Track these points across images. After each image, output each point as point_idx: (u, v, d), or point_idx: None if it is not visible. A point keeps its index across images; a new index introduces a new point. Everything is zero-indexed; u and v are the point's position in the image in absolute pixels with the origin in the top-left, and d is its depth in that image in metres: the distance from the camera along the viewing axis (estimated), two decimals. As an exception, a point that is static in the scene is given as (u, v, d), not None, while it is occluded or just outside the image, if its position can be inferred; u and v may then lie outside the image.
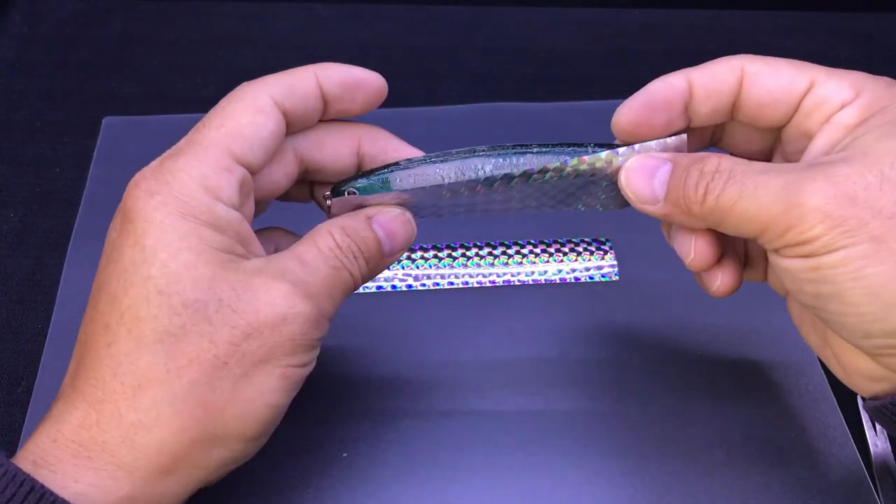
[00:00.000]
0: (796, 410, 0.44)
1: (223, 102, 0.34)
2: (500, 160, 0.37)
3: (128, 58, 0.63)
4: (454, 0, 0.69)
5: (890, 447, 0.43)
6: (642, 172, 0.34)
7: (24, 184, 0.55)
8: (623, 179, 0.34)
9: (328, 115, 0.37)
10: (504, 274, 0.49)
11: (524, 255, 0.50)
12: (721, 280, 0.36)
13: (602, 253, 0.50)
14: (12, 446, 0.43)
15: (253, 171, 0.34)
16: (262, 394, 0.31)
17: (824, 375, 0.46)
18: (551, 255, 0.50)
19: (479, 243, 0.51)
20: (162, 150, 0.55)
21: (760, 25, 0.69)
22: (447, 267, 0.50)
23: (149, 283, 0.30)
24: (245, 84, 0.35)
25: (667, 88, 0.35)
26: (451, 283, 0.49)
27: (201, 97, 0.60)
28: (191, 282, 0.30)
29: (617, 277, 0.50)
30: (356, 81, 0.38)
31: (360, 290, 0.48)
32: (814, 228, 0.29)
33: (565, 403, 0.44)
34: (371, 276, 0.36)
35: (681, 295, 0.49)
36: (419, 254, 0.50)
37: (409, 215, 0.36)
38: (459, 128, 0.58)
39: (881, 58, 0.67)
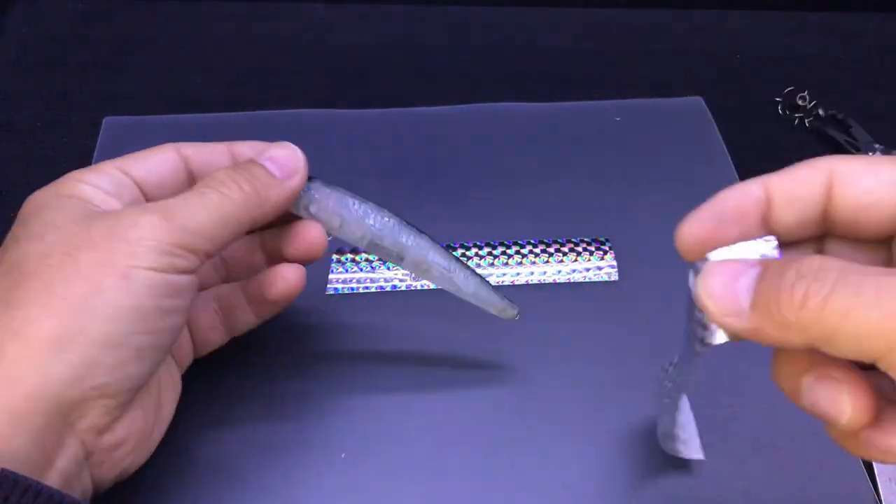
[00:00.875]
0: (795, 412, 0.44)
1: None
2: (418, 237, 0.40)
3: (128, 58, 0.63)
4: (454, 0, 0.69)
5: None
6: (724, 275, 0.28)
7: (24, 184, 0.54)
8: (700, 286, 0.28)
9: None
10: (504, 274, 0.49)
11: (524, 256, 0.50)
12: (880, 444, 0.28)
13: (602, 253, 0.50)
14: (12, 446, 0.43)
15: (143, 184, 0.37)
16: (100, 292, 0.31)
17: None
18: (551, 255, 0.50)
19: (478, 243, 0.51)
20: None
21: (760, 25, 0.69)
22: (447, 267, 0.50)
23: (7, 237, 0.34)
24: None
25: (740, 197, 0.30)
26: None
27: (201, 97, 0.60)
28: (36, 223, 0.34)
29: (616, 278, 0.50)
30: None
31: (358, 289, 0.48)
32: None
33: (565, 404, 0.44)
34: (265, 199, 0.36)
35: (681, 295, 0.49)
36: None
37: (294, 147, 0.39)
38: (459, 128, 0.58)
39: (880, 58, 0.67)
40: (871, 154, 0.57)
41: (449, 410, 0.44)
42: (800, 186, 0.29)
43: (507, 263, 0.50)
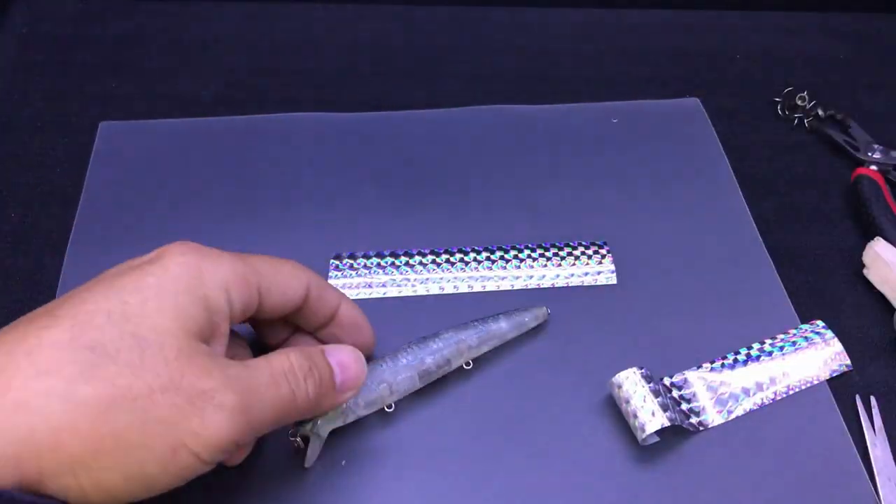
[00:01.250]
0: (794, 411, 0.44)
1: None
2: (423, 341, 0.43)
3: (128, 58, 0.63)
4: (454, 0, 0.69)
5: (889, 448, 0.43)
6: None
7: (24, 184, 0.55)
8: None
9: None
10: (503, 279, 0.49)
11: (522, 260, 0.50)
12: None
13: (600, 257, 0.50)
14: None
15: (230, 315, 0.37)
16: (144, 450, 0.30)
17: (830, 392, 0.46)
18: (549, 259, 0.50)
19: (477, 248, 0.51)
20: (157, 154, 0.56)
21: (760, 25, 0.69)
22: (446, 272, 0.50)
23: (126, 307, 0.32)
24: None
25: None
26: (445, 289, 0.49)
27: (201, 97, 0.60)
28: (149, 327, 0.32)
29: (615, 281, 0.50)
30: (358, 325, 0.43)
31: (357, 295, 0.48)
32: None
33: (565, 408, 0.44)
34: (317, 406, 0.37)
35: (679, 299, 0.49)
36: (418, 259, 0.50)
37: (360, 354, 0.39)
38: (459, 130, 0.58)
39: (880, 58, 0.67)
40: (869, 154, 0.57)
41: (448, 416, 0.44)
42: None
43: (505, 268, 0.50)
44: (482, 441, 0.43)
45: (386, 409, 0.42)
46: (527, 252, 0.51)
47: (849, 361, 0.47)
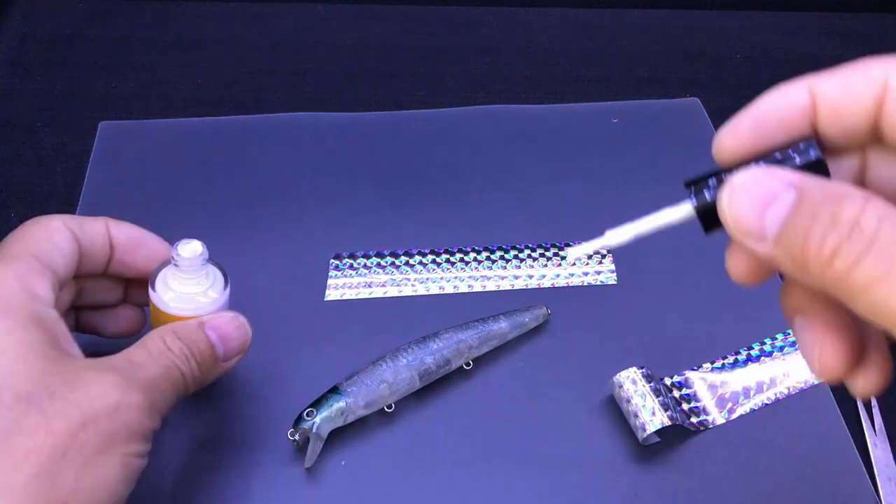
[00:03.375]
0: (795, 411, 0.44)
1: (19, 229, 0.37)
2: (423, 342, 0.43)
3: (128, 58, 0.63)
4: (454, 0, 0.69)
5: (890, 448, 0.43)
6: (754, 195, 0.25)
7: (24, 184, 0.55)
8: (726, 198, 0.25)
9: (113, 266, 0.40)
10: (503, 278, 0.49)
11: (522, 260, 0.50)
12: (863, 383, 0.27)
13: (600, 257, 0.50)
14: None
15: (59, 279, 0.36)
16: (106, 483, 0.31)
17: (830, 392, 0.45)
18: (549, 259, 0.50)
19: (477, 248, 0.51)
20: (157, 154, 0.56)
21: (760, 25, 0.69)
22: (446, 271, 0.50)
23: None
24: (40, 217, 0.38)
25: (783, 105, 0.27)
26: (444, 289, 0.49)
27: (201, 97, 0.60)
28: (22, 375, 0.31)
29: (615, 281, 0.50)
30: (139, 240, 0.40)
31: (357, 295, 0.48)
32: None
33: (565, 407, 0.44)
34: (204, 380, 0.37)
35: (679, 299, 0.49)
36: (418, 258, 0.50)
37: (242, 319, 0.38)
38: (459, 130, 0.58)
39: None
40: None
41: (448, 416, 0.44)
42: (850, 96, 0.26)
43: (504, 268, 0.50)
44: (482, 441, 0.43)
45: (386, 409, 0.42)
46: (527, 252, 0.51)
47: None
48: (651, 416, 0.41)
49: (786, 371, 0.45)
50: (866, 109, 0.26)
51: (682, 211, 0.28)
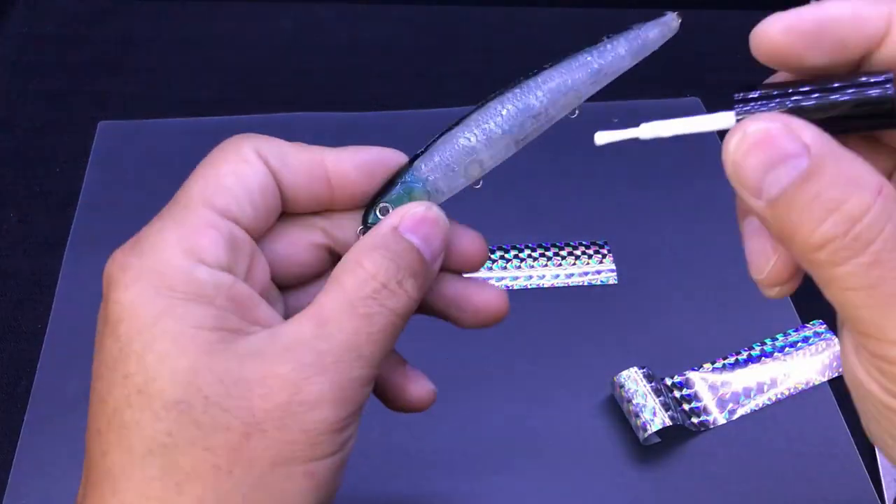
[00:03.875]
0: (796, 412, 0.44)
1: (206, 158, 0.29)
2: (519, 91, 0.31)
3: (128, 58, 0.63)
4: (454, 0, 0.69)
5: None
6: (763, 151, 0.23)
7: (24, 184, 0.55)
8: (733, 143, 0.23)
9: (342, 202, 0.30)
10: (503, 279, 0.49)
11: (522, 260, 0.50)
12: (780, 290, 0.27)
13: (601, 257, 0.50)
14: (12, 446, 0.43)
15: (246, 227, 0.28)
16: (287, 500, 0.25)
17: (831, 392, 0.45)
18: (550, 259, 0.50)
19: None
20: (155, 153, 0.56)
21: (761, 26, 0.69)
22: (446, 270, 0.49)
23: (128, 381, 0.25)
24: (231, 138, 0.30)
25: (853, 22, 0.23)
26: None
27: (201, 97, 0.60)
28: (168, 378, 0.25)
29: (616, 281, 0.49)
30: (380, 162, 0.31)
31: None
32: None
33: (566, 407, 0.44)
34: (422, 295, 0.29)
35: (680, 299, 0.49)
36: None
37: (435, 208, 0.30)
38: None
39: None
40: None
41: (448, 416, 0.44)
42: None
43: (505, 268, 0.50)
44: (483, 441, 0.43)
45: (475, 186, 0.33)
46: (527, 252, 0.50)
47: None
48: (652, 416, 0.41)
49: (786, 371, 0.45)
50: None
51: (724, 120, 0.25)
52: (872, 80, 0.23)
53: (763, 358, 0.46)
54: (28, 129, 0.58)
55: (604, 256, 0.50)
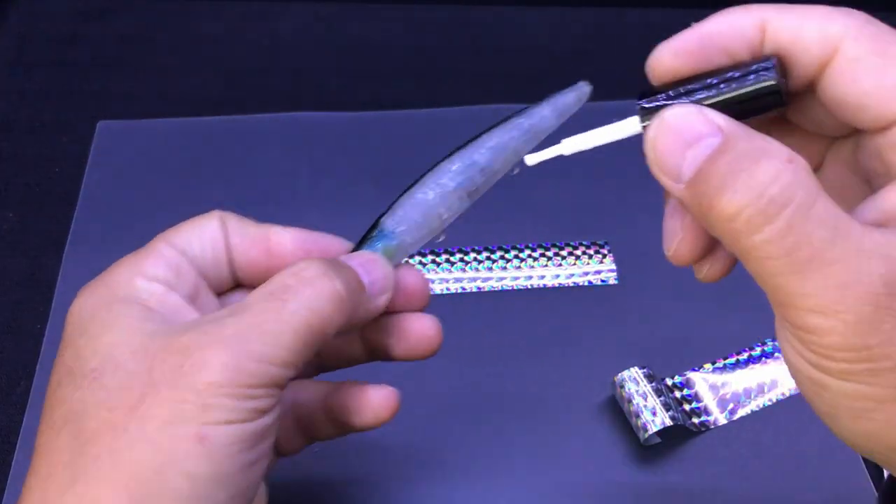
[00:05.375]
0: (797, 412, 0.44)
1: None
2: (464, 151, 0.35)
3: (127, 58, 0.63)
4: (454, 0, 0.69)
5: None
6: (679, 133, 0.24)
7: (24, 184, 0.55)
8: (652, 130, 0.25)
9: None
10: (502, 279, 0.49)
11: (522, 260, 0.50)
12: (709, 270, 0.29)
13: (601, 256, 0.50)
14: (11, 446, 0.43)
15: (196, 265, 0.31)
16: (174, 461, 0.26)
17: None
18: (550, 259, 0.50)
19: (477, 248, 0.51)
20: (155, 153, 0.56)
21: (761, 26, 0.69)
22: (445, 272, 0.49)
23: (60, 366, 0.28)
24: None
25: (730, 32, 0.25)
26: (449, 290, 0.49)
27: (201, 97, 0.60)
28: (91, 352, 0.28)
29: (616, 281, 0.49)
30: (318, 243, 0.34)
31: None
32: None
33: (566, 407, 0.44)
34: (356, 312, 0.30)
35: (680, 299, 0.49)
36: (417, 259, 0.50)
37: (379, 254, 0.33)
38: (460, 130, 0.58)
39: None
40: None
41: (448, 416, 0.43)
42: (798, 47, 0.25)
43: (505, 268, 0.50)
44: (483, 441, 0.42)
45: (438, 239, 0.36)
46: (527, 252, 0.50)
47: None
48: (652, 416, 0.41)
49: (788, 372, 0.45)
50: (811, 66, 0.25)
51: (631, 126, 0.28)
52: (760, 67, 0.25)
53: (764, 358, 0.46)
54: (28, 129, 0.58)
55: (604, 256, 0.50)
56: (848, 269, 0.22)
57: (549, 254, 0.50)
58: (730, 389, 0.44)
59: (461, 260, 0.50)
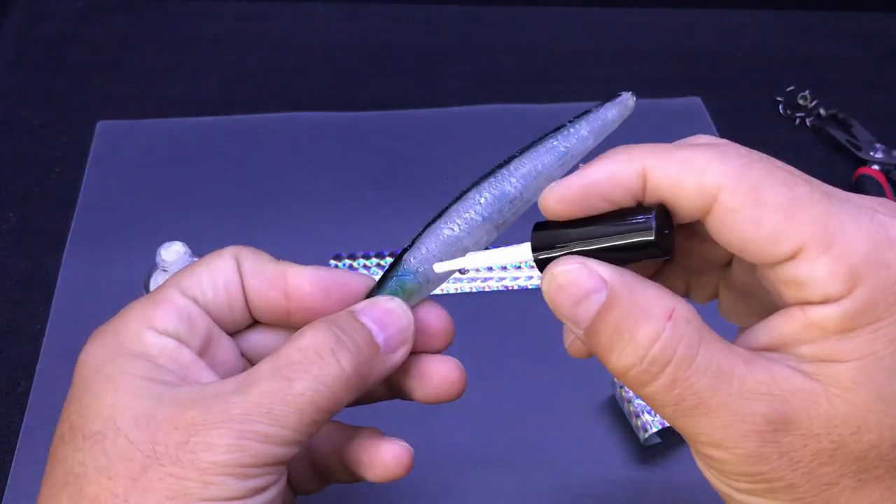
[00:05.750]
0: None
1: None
2: (493, 180, 0.32)
3: (127, 58, 0.63)
4: (455, 0, 0.69)
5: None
6: (567, 291, 0.26)
7: (24, 184, 0.55)
8: (545, 284, 0.27)
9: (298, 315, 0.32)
10: (502, 279, 0.49)
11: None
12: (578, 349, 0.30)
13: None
14: (10, 446, 0.43)
15: (208, 310, 0.31)
16: None
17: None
18: (550, 257, 0.50)
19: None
20: (156, 154, 0.56)
21: (761, 25, 0.69)
22: (446, 270, 0.49)
23: (65, 420, 0.28)
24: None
25: (612, 183, 0.26)
26: (445, 289, 0.49)
27: (201, 97, 0.60)
28: (94, 412, 0.27)
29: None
30: (329, 281, 0.32)
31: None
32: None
33: (566, 407, 0.44)
34: (366, 379, 0.29)
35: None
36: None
37: (398, 301, 0.31)
38: (460, 130, 0.58)
39: (881, 58, 0.67)
40: (871, 154, 0.57)
41: (448, 416, 0.43)
42: (679, 195, 0.26)
43: (505, 268, 0.50)
44: (483, 441, 0.42)
45: (460, 273, 0.36)
46: (527, 252, 0.50)
47: None
48: (652, 416, 0.41)
49: None
50: (693, 213, 0.26)
51: (523, 253, 0.28)
52: (638, 222, 0.26)
53: None
54: (28, 129, 0.58)
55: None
56: (731, 412, 0.25)
57: (549, 253, 0.50)
58: None
59: (461, 260, 0.50)
